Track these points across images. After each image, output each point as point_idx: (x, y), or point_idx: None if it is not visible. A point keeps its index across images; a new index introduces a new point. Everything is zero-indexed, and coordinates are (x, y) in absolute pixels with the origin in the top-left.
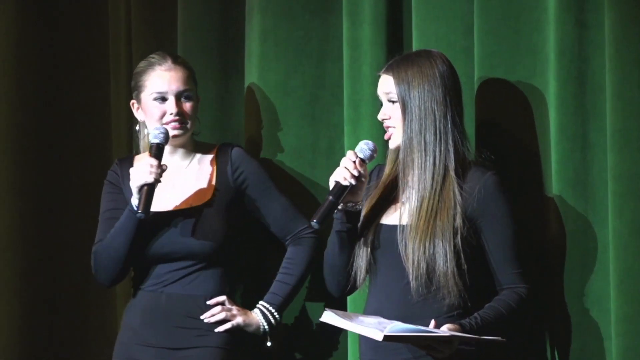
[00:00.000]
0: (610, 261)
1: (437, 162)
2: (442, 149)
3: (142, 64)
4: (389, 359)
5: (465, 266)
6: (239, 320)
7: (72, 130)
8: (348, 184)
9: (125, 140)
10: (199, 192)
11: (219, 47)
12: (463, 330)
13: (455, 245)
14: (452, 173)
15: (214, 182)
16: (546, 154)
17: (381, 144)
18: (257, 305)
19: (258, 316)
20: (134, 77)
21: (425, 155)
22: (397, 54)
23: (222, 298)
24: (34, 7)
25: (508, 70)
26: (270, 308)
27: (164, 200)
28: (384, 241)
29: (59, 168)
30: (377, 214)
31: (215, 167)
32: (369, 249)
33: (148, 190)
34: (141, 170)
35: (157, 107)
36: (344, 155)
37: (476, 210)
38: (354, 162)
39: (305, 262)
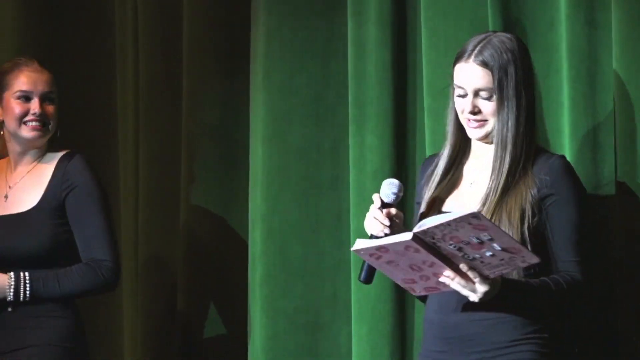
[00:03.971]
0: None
1: (519, 148)
2: (522, 136)
3: (7, 65)
4: (457, 355)
5: (540, 249)
6: None
7: (78, 129)
8: (383, 235)
9: (132, 139)
10: (30, 197)
11: (224, 47)
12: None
13: (522, 234)
14: (527, 158)
15: (44, 188)
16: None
17: (386, 142)
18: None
19: (10, 280)
20: None
21: (507, 137)
22: (401, 53)
23: None
24: (39, 3)
25: None
26: (28, 279)
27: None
28: None
29: None
30: (441, 201)
31: (52, 173)
32: None
33: None
34: None
35: (20, 105)
36: (348, 154)
37: (544, 195)
38: (381, 210)
39: (80, 286)
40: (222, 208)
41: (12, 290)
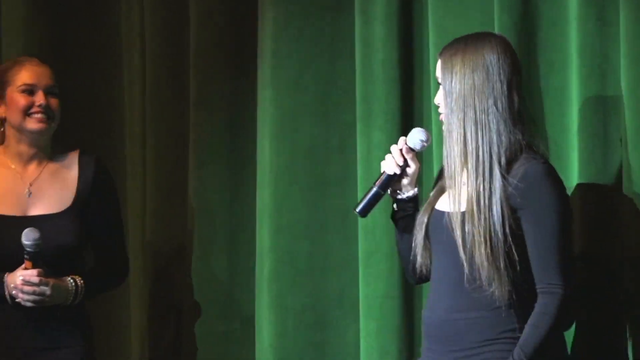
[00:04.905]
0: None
1: (481, 153)
2: (486, 140)
3: (7, 63)
4: (439, 353)
5: (519, 258)
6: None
7: (86, 126)
8: (392, 172)
9: (139, 136)
10: (60, 197)
11: (231, 44)
12: None
13: (505, 235)
14: (497, 162)
15: (75, 189)
16: (569, 151)
17: (394, 139)
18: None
19: (72, 287)
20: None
21: (467, 146)
22: (408, 51)
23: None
24: (46, 3)
25: (530, 65)
26: (83, 285)
27: (23, 204)
28: (436, 227)
29: None
30: (435, 199)
31: (78, 173)
32: (424, 235)
33: None
34: None
35: (25, 98)
36: (355, 152)
37: (519, 200)
38: (401, 150)
39: (112, 280)
40: (230, 205)
41: (71, 296)
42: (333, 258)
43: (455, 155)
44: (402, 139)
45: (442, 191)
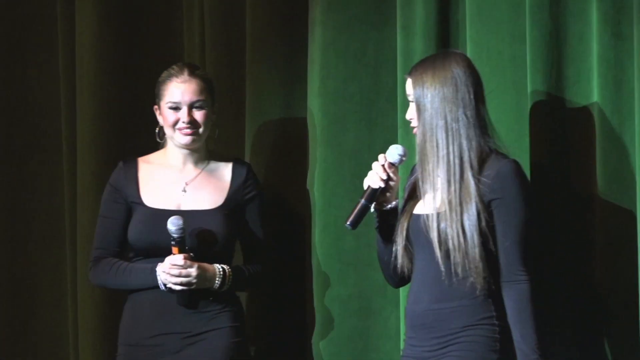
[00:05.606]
0: (639, 249)
1: (451, 158)
2: (456, 146)
3: (163, 75)
4: (422, 340)
5: (494, 249)
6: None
7: (150, 133)
8: (377, 186)
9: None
10: (213, 197)
11: (284, 57)
12: None
13: (481, 230)
14: (468, 165)
15: (227, 191)
16: (592, 154)
17: None
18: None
19: (219, 273)
20: (157, 85)
21: (438, 153)
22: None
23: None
24: (114, 21)
25: (558, 76)
26: (232, 274)
27: (177, 200)
28: (415, 230)
29: None
30: (412, 205)
31: (231, 178)
32: (405, 239)
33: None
34: None
35: (172, 115)
36: None
37: (491, 196)
38: (383, 165)
39: (259, 274)
40: (283, 205)
41: (219, 281)
42: (375, 252)
43: (428, 162)
44: (381, 155)
45: (418, 198)
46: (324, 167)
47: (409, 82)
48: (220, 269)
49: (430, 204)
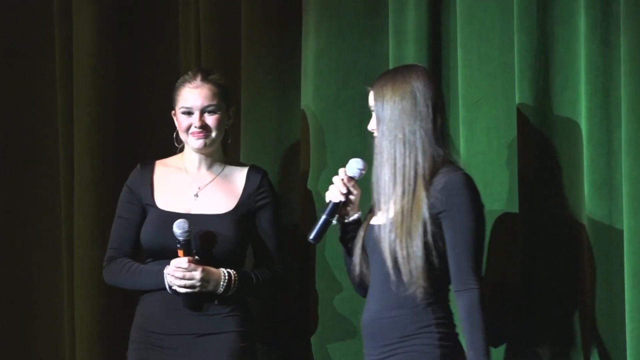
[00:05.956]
0: (626, 256)
1: (407, 170)
2: (412, 159)
3: (179, 80)
4: (370, 349)
5: (437, 261)
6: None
7: (147, 134)
8: (338, 200)
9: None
10: (224, 202)
11: (278, 65)
12: None
13: (426, 243)
14: (421, 178)
15: (239, 197)
16: (580, 160)
17: None
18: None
19: (224, 277)
20: (173, 91)
21: (395, 164)
22: (437, 68)
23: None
24: (111, 25)
25: (545, 83)
26: (237, 279)
27: (188, 204)
28: (370, 240)
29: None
30: (371, 216)
31: (245, 184)
32: (361, 248)
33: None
34: None
35: (185, 120)
36: None
37: (439, 208)
38: (342, 180)
39: (269, 281)
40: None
41: (223, 286)
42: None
43: (385, 174)
44: (341, 169)
45: (376, 207)
46: (317, 173)
47: (371, 94)
48: (226, 274)
49: (384, 214)
